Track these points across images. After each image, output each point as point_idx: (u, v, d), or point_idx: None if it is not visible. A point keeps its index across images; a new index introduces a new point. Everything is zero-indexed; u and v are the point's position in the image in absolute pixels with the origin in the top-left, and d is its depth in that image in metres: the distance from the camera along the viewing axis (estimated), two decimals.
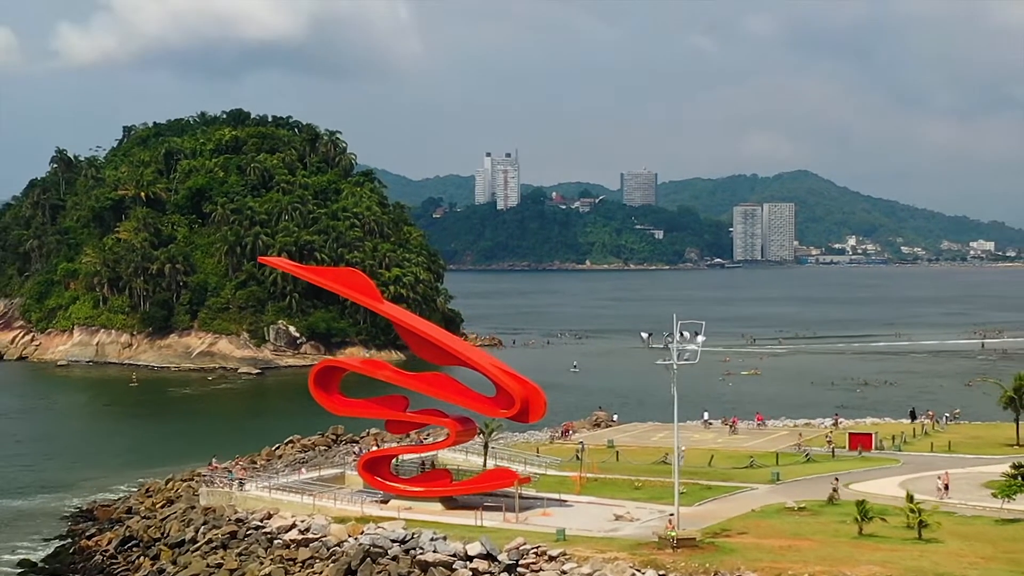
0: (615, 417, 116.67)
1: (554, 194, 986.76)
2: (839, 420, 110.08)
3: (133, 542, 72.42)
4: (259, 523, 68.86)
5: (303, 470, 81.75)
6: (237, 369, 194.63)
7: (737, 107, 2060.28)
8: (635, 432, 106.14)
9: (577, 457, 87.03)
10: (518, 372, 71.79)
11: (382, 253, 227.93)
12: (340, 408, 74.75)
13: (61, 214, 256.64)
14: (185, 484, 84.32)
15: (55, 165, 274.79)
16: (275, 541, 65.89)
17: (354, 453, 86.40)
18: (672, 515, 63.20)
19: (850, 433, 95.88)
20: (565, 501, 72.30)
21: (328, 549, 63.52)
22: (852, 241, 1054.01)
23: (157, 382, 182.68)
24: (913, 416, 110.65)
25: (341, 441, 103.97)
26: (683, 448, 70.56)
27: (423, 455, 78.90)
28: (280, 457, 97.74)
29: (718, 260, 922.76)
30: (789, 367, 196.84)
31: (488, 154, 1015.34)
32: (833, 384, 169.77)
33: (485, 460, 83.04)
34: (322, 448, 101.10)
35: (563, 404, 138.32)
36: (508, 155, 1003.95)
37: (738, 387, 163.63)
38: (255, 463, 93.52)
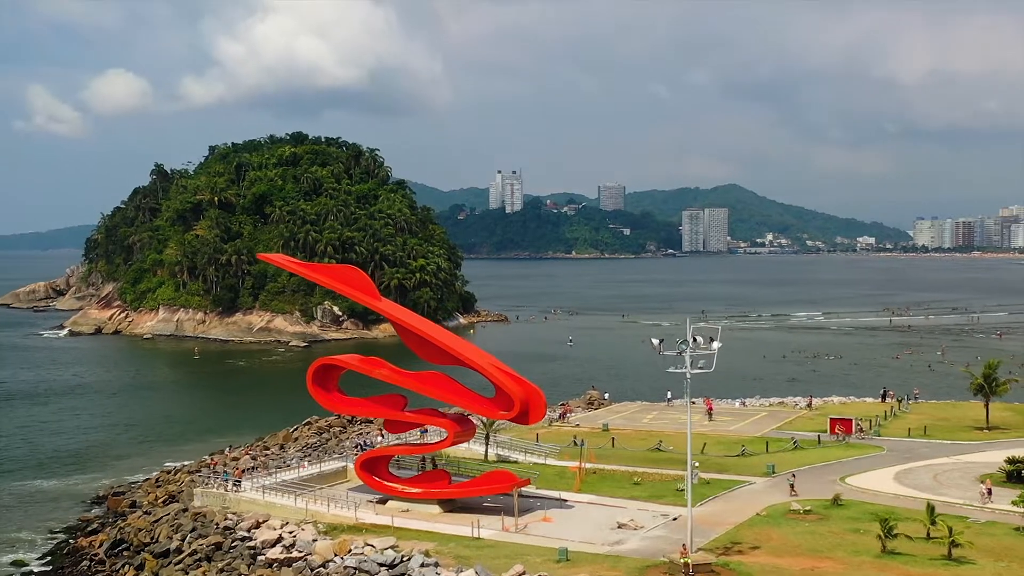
0: (607, 396, 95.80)
1: (548, 201, 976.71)
2: (812, 401, 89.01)
3: (123, 545, 51.99)
4: (245, 533, 48.74)
5: (305, 463, 61.36)
6: (289, 342, 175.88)
7: (684, 137, 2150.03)
8: (626, 413, 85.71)
9: (575, 443, 67.39)
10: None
11: (410, 246, 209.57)
12: (339, 406, 55.15)
13: (157, 215, 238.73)
14: (189, 478, 63.38)
15: (154, 176, 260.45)
16: (259, 557, 45.74)
17: (358, 445, 65.88)
18: (677, 518, 46.80)
19: (831, 418, 74.92)
20: (565, 501, 52.94)
21: (312, 571, 43.38)
22: (770, 237, 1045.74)
23: (219, 354, 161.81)
24: (884, 396, 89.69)
25: (356, 422, 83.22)
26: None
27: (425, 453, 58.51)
28: (296, 440, 76.88)
29: (671, 251, 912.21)
30: (740, 341, 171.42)
31: (499, 171, 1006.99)
32: (784, 357, 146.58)
33: (487, 451, 63.83)
34: (337, 430, 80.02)
35: (562, 375, 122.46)
36: (514, 172, 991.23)
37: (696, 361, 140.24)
38: (268, 449, 72.85)
